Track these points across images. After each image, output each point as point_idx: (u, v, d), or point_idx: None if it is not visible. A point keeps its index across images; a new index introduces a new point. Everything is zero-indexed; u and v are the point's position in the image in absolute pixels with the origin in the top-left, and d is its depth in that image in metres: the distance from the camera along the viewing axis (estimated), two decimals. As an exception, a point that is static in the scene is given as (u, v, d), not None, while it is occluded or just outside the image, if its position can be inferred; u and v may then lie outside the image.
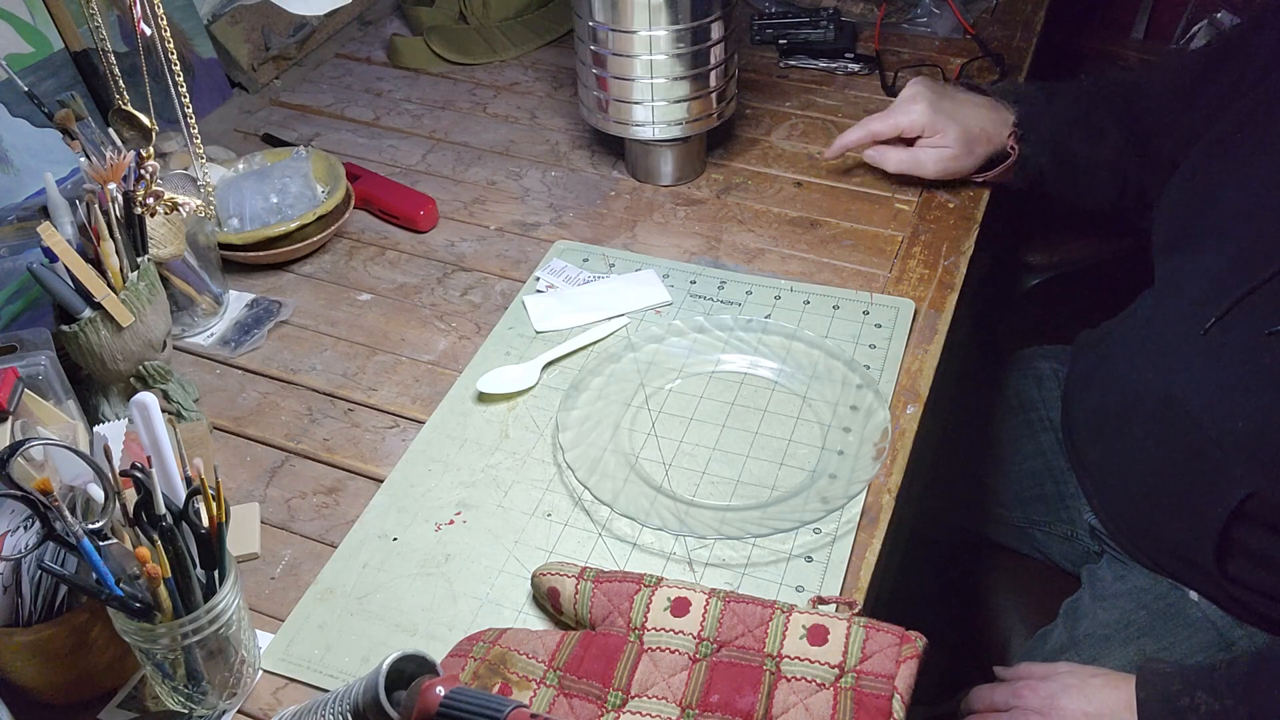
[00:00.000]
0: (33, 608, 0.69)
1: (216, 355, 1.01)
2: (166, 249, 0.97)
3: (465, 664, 0.71)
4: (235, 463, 0.91)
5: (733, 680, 0.69)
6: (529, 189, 1.20)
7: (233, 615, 0.69)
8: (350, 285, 1.08)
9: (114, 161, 0.85)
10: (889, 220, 1.12)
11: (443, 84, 1.39)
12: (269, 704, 0.73)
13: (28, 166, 1.06)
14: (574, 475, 0.84)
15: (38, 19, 1.08)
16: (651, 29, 1.06)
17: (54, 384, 0.84)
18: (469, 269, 1.09)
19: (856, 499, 0.83)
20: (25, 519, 0.71)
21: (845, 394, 0.91)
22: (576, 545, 0.82)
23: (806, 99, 1.32)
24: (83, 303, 0.85)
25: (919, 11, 1.45)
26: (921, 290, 1.02)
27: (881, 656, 0.69)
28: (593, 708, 0.69)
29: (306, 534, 0.85)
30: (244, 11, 1.34)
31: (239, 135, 1.30)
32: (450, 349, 1.00)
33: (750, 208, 1.15)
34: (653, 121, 1.12)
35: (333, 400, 0.96)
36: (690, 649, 0.71)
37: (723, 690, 0.69)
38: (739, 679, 0.69)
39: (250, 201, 1.09)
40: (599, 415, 0.91)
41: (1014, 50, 1.37)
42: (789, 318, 1.00)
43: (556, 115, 1.32)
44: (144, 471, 0.64)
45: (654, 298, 1.02)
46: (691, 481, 0.86)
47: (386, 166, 1.24)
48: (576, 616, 0.75)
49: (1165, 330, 0.97)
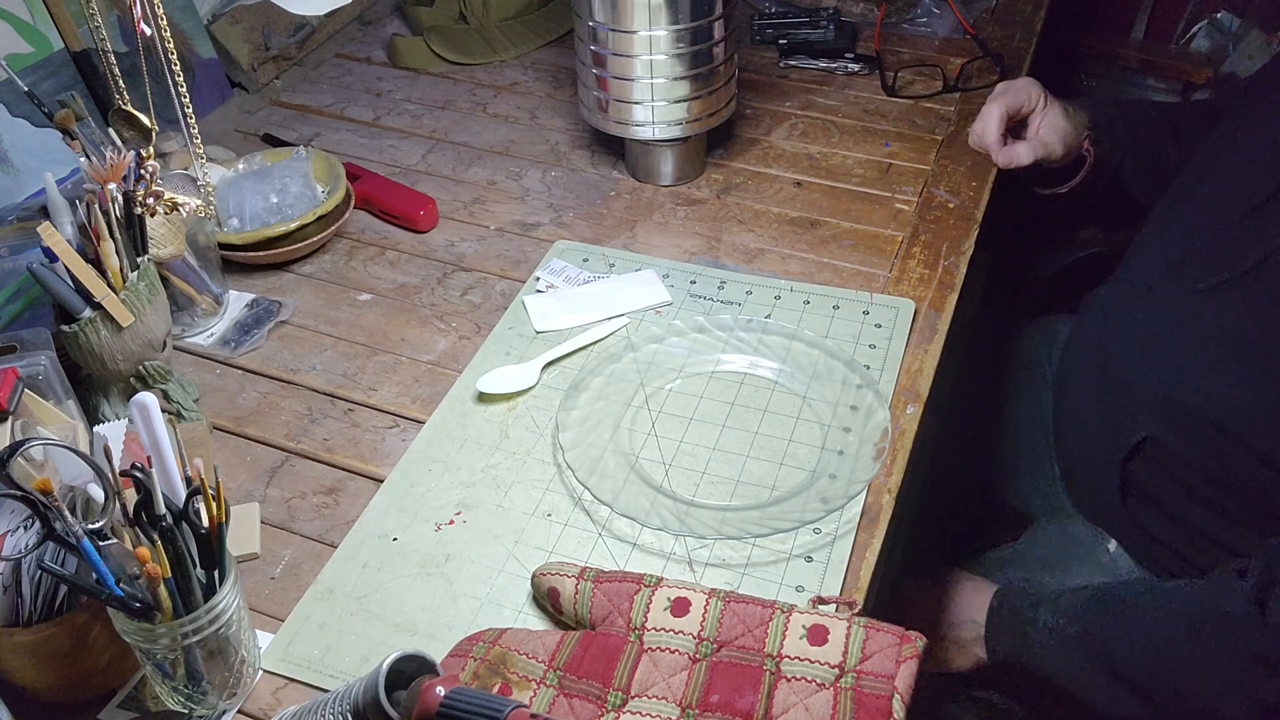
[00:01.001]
0: (33, 608, 0.69)
1: (216, 355, 1.01)
2: (166, 249, 0.97)
3: (465, 664, 0.71)
4: (235, 463, 0.91)
5: (733, 680, 0.69)
6: (529, 189, 1.20)
7: (233, 615, 0.69)
8: (350, 285, 1.08)
9: (114, 161, 0.85)
10: (889, 220, 1.12)
11: (443, 84, 1.40)
12: (269, 704, 0.73)
13: (28, 166, 1.06)
14: (574, 475, 0.84)
15: (38, 19, 1.08)
16: (651, 29, 1.06)
17: (54, 384, 0.84)
18: (469, 269, 1.09)
19: (856, 499, 0.83)
20: (25, 519, 0.71)
21: (845, 394, 0.91)
22: (576, 545, 0.82)
23: (806, 99, 1.32)
24: (83, 303, 0.85)
25: (919, 11, 1.45)
26: (921, 290, 1.02)
27: (881, 656, 0.69)
28: (593, 708, 0.69)
29: (306, 534, 0.85)
30: (244, 11, 1.35)
31: (239, 135, 1.30)
32: (450, 349, 1.00)
33: (750, 208, 1.15)
34: (653, 121, 1.12)
35: (333, 400, 0.96)
36: (690, 649, 0.71)
37: (723, 690, 0.69)
38: (739, 679, 0.69)
39: (250, 201, 1.09)
40: (599, 415, 0.91)
41: (1014, 50, 1.37)
42: (789, 318, 1.00)
43: (556, 115, 1.32)
44: (144, 471, 0.64)
45: (654, 298, 1.02)
46: (691, 481, 0.86)
47: (386, 166, 1.24)
48: (576, 616, 0.75)
49: (1116, 290, 1.08)
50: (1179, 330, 0.95)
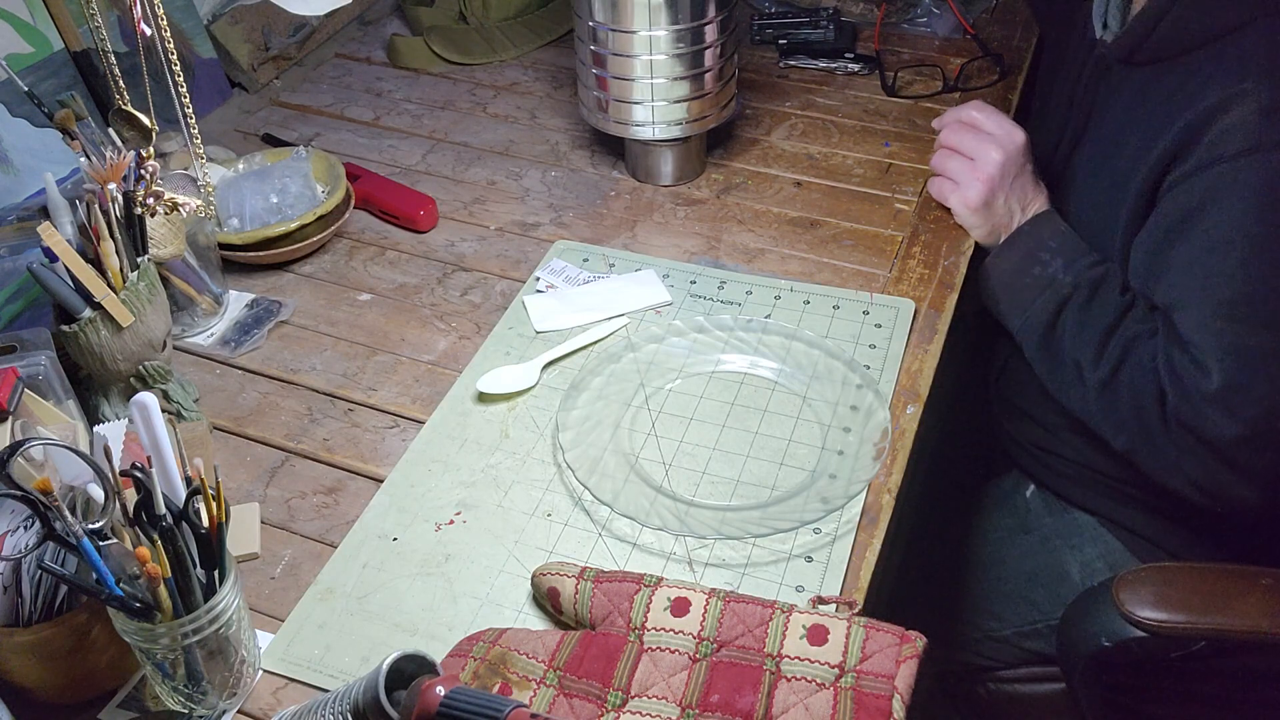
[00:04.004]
0: (33, 608, 0.69)
1: (216, 355, 1.01)
2: (166, 249, 0.97)
3: (465, 664, 0.71)
4: (235, 463, 0.91)
5: (733, 680, 0.69)
6: (529, 189, 1.20)
7: (233, 615, 0.69)
8: (350, 285, 1.08)
9: (114, 161, 0.85)
10: (889, 220, 1.12)
11: (443, 84, 1.39)
12: (269, 704, 0.73)
13: (28, 166, 1.06)
14: (574, 475, 0.84)
15: (38, 19, 1.08)
16: (651, 29, 1.06)
17: (54, 384, 0.84)
18: (469, 269, 1.09)
19: (856, 499, 0.83)
20: (25, 519, 0.71)
21: (845, 394, 0.91)
22: (576, 545, 0.82)
23: (806, 99, 1.32)
24: (83, 303, 0.85)
25: (919, 11, 1.45)
26: (921, 290, 1.02)
27: (881, 656, 0.69)
28: (593, 708, 0.69)
29: (306, 534, 0.85)
30: (244, 11, 1.35)
31: (239, 135, 1.30)
32: (450, 349, 1.00)
33: (750, 208, 1.15)
34: (653, 121, 1.12)
35: (333, 400, 0.96)
36: (690, 649, 0.71)
37: (723, 690, 0.69)
38: (739, 679, 0.69)
39: (250, 201, 1.09)
40: (599, 415, 0.91)
41: (1014, 50, 1.37)
42: (789, 318, 1.00)
43: (556, 115, 1.32)
44: (144, 471, 0.64)
45: (654, 298, 1.02)
46: (691, 481, 0.86)
47: (386, 166, 1.24)
48: (576, 616, 0.75)
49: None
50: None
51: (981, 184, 1.03)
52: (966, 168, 1.05)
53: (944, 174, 1.08)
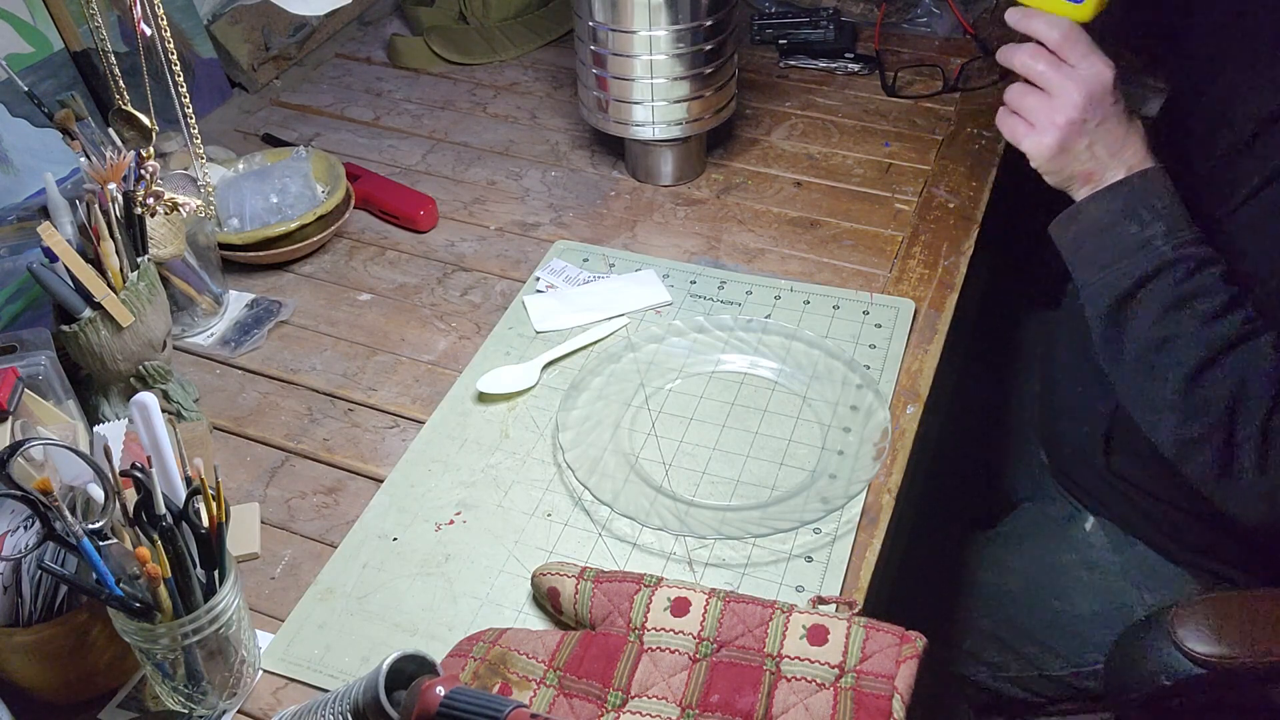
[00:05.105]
0: (33, 608, 0.69)
1: (216, 355, 1.01)
2: (166, 249, 0.97)
3: (465, 664, 0.71)
4: (235, 463, 0.91)
5: (733, 680, 0.69)
6: (529, 189, 1.20)
7: (233, 615, 0.69)
8: (350, 285, 1.08)
9: (114, 161, 0.85)
10: (889, 220, 1.12)
11: (443, 84, 1.39)
12: (269, 704, 0.73)
13: (28, 166, 1.06)
14: (574, 475, 0.84)
15: (38, 19, 1.08)
16: (651, 29, 1.06)
17: (54, 384, 0.84)
18: (469, 269, 1.09)
19: (856, 499, 0.83)
20: (25, 519, 0.71)
21: (845, 394, 0.91)
22: (576, 545, 0.82)
23: (806, 99, 1.32)
24: (83, 303, 0.85)
25: (919, 11, 1.45)
26: (921, 290, 1.02)
27: (881, 656, 0.69)
28: (593, 708, 0.69)
29: (306, 534, 0.85)
30: (244, 11, 1.35)
31: (239, 135, 1.30)
32: (450, 349, 1.00)
33: (750, 208, 1.15)
34: (653, 121, 1.12)
35: (333, 400, 0.96)
36: (690, 649, 0.71)
37: (723, 690, 0.69)
38: (739, 679, 0.69)
39: (250, 201, 1.09)
40: (599, 415, 0.91)
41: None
42: (789, 318, 1.00)
43: (556, 115, 1.32)
44: (144, 471, 0.64)
45: (654, 298, 1.02)
46: (691, 481, 0.86)
47: (386, 166, 1.24)
48: (576, 616, 0.75)
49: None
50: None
51: (1058, 129, 0.89)
52: (1044, 105, 0.91)
53: (1018, 110, 0.93)
